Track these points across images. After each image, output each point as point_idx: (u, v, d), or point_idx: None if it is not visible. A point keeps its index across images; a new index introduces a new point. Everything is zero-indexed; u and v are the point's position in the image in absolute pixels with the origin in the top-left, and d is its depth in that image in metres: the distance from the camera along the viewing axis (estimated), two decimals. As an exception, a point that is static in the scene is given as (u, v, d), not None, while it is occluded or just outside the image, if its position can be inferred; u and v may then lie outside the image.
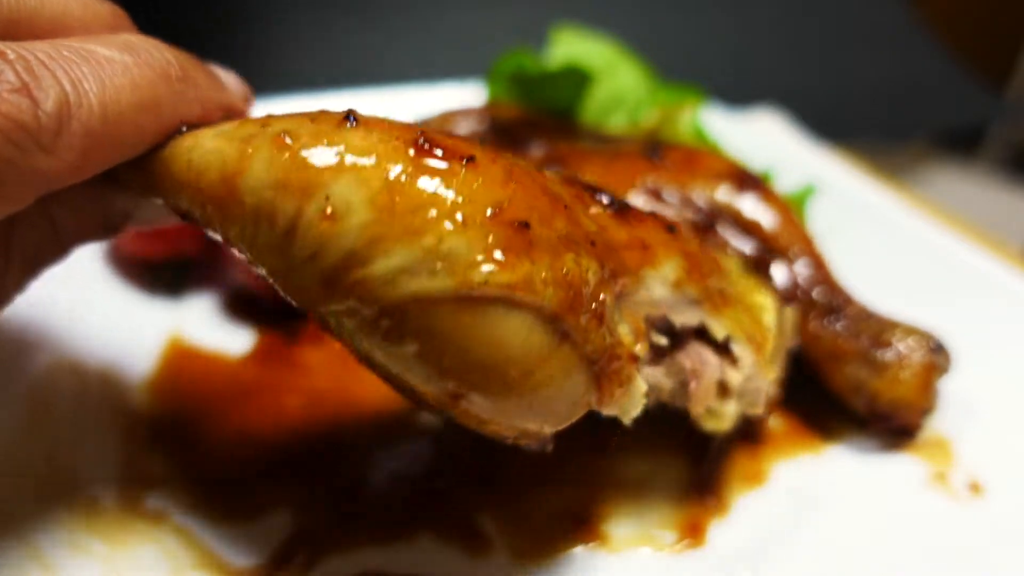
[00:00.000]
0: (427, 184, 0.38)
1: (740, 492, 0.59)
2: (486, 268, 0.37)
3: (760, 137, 1.04)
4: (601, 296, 0.42)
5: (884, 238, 0.87)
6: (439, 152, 0.39)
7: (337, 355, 0.69)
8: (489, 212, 0.38)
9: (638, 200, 0.67)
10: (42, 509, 0.51)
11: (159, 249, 0.73)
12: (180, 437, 0.59)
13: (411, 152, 0.39)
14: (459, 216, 0.37)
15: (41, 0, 0.41)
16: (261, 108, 0.50)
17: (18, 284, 0.48)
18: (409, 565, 0.52)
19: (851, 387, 0.63)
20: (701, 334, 0.54)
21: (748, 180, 0.71)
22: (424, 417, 0.64)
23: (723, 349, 0.54)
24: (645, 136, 0.87)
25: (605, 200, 0.49)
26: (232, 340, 0.70)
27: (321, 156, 0.39)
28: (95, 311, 0.69)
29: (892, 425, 0.62)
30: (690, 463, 0.61)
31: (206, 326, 0.71)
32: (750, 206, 0.70)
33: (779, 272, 0.67)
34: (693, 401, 0.53)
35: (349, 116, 0.41)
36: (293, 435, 0.61)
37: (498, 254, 0.38)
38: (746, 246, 0.68)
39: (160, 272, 0.73)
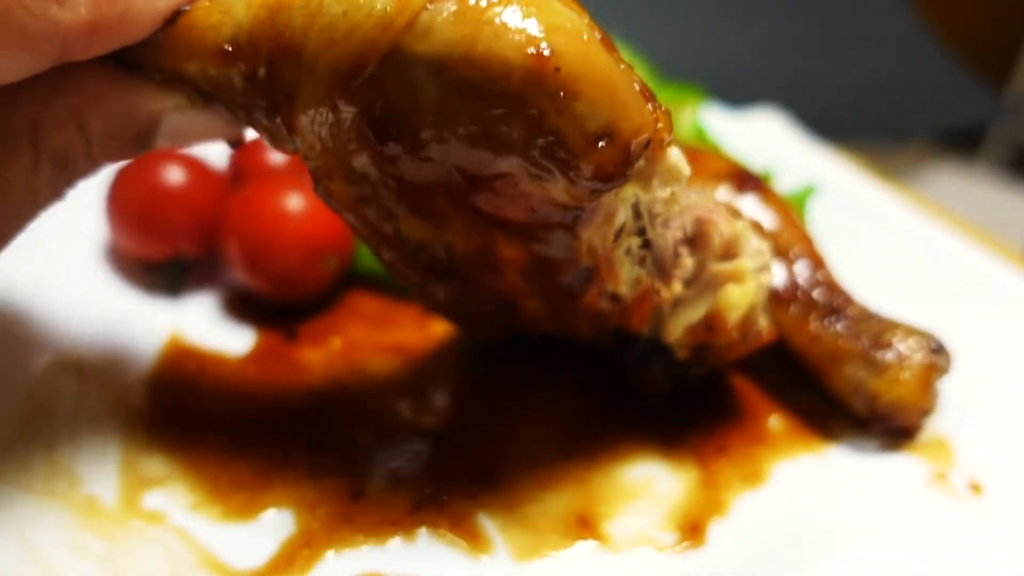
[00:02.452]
0: None
1: (740, 492, 0.59)
2: None
3: (760, 137, 1.04)
4: None
5: (884, 238, 0.87)
6: None
7: (337, 355, 0.70)
8: None
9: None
10: (42, 509, 0.52)
11: (159, 249, 0.73)
12: (180, 437, 0.59)
13: None
14: None
15: None
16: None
17: (53, 188, 0.48)
18: (409, 565, 0.52)
19: (851, 388, 0.63)
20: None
21: (748, 180, 0.71)
22: (424, 418, 0.64)
23: None
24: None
25: None
26: (232, 340, 0.70)
27: None
28: (95, 311, 0.69)
29: (892, 426, 0.62)
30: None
31: (206, 326, 0.71)
32: (750, 206, 0.69)
33: (779, 273, 0.67)
34: (715, 235, 0.55)
35: None
36: (293, 435, 0.61)
37: None
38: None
39: (160, 272, 0.73)
